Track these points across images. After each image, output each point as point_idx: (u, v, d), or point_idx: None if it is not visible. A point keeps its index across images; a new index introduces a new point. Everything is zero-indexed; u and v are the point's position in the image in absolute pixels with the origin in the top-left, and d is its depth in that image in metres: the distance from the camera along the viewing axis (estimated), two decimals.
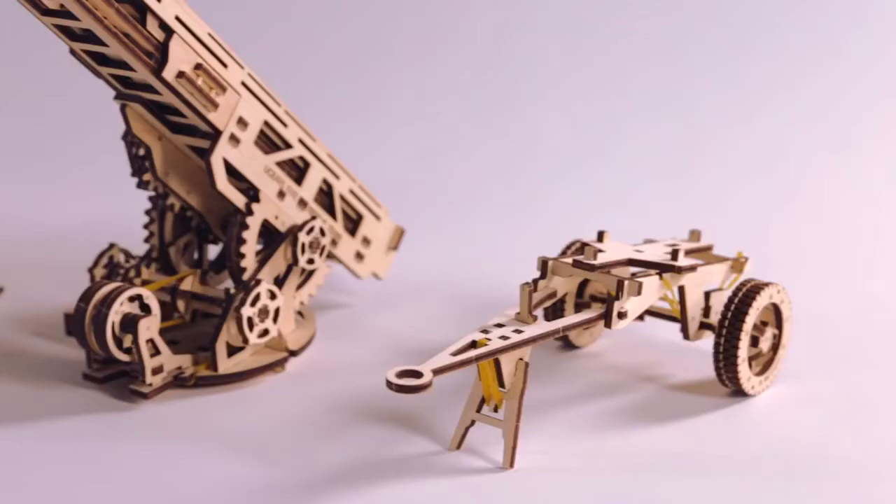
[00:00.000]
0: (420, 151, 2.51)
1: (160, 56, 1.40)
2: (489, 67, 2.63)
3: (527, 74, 2.62)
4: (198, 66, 1.43)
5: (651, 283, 1.44)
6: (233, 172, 1.52)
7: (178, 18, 1.40)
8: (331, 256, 1.73)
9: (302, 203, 1.61)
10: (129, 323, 1.43)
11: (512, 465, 1.32)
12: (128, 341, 1.44)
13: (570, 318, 1.38)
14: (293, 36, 2.65)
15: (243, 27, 2.39)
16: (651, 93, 2.55)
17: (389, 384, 1.19)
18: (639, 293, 1.40)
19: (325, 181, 1.66)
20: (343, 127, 2.33)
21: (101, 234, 1.78)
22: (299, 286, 1.64)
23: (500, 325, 1.34)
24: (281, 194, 1.58)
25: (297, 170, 1.62)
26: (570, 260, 1.44)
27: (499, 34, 2.65)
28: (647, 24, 2.59)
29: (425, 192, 2.36)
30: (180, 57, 1.41)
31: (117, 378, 1.51)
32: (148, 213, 1.66)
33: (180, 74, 1.41)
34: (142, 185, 1.60)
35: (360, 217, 1.75)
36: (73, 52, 1.46)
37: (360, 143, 2.34)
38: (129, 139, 1.57)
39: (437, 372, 1.21)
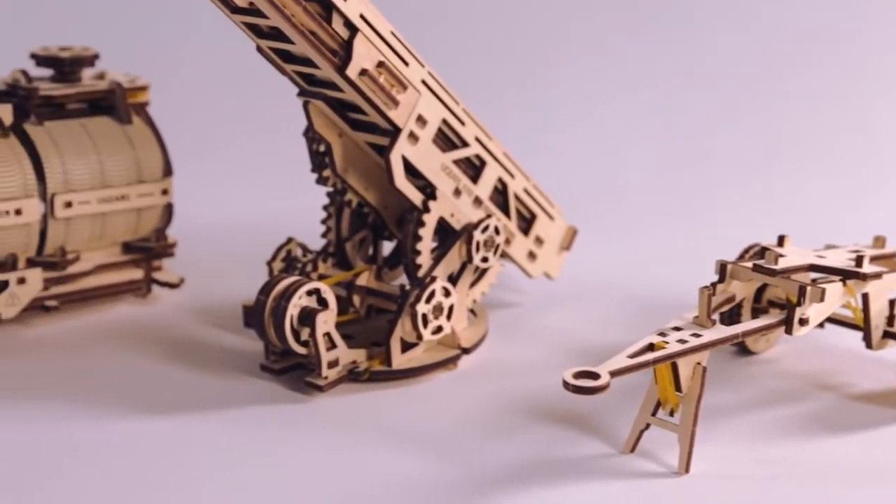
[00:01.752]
0: (593, 151, 2.50)
1: (344, 54, 1.42)
2: (661, 66, 2.60)
3: (702, 73, 2.58)
4: (380, 64, 1.45)
5: (834, 289, 1.40)
6: (410, 170, 1.53)
7: (362, 17, 1.42)
8: (504, 255, 1.73)
9: (477, 201, 1.62)
10: (307, 316, 1.46)
11: (687, 470, 1.30)
12: (305, 334, 1.46)
13: (750, 324, 1.36)
14: (469, 33, 2.66)
15: (423, 25, 2.41)
16: (832, 94, 2.50)
17: (566, 385, 1.19)
18: (821, 300, 1.36)
19: (501, 180, 1.66)
20: (517, 126, 2.33)
21: (280, 229, 1.81)
22: (472, 284, 1.64)
23: (677, 329, 1.32)
24: (457, 192, 1.58)
25: (473, 168, 1.62)
26: (749, 264, 1.41)
27: (673, 33, 2.62)
28: (832, 24, 2.53)
29: (598, 193, 2.35)
30: (364, 55, 1.43)
31: (293, 370, 1.54)
32: (326, 208, 1.68)
33: (363, 72, 1.43)
34: (321, 180, 1.63)
35: (533, 216, 1.75)
36: (259, 49, 1.49)
37: (534, 143, 2.34)
38: (311, 135, 1.59)
39: (614, 374, 1.21)
